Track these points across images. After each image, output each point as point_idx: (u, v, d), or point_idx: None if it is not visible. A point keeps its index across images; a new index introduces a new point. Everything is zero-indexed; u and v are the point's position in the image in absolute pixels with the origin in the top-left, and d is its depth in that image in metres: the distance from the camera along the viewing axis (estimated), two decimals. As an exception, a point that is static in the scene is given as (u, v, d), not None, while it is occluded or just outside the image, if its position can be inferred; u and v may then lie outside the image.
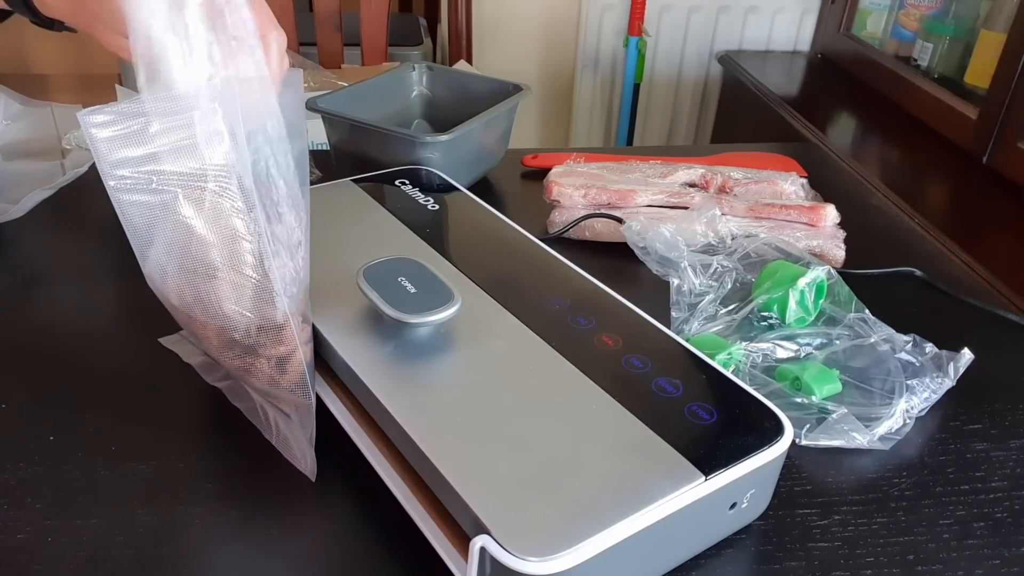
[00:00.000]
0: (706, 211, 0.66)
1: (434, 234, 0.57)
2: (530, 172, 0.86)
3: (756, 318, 0.58)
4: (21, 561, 0.41)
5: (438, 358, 0.45)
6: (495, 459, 0.39)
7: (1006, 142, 1.16)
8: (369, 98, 0.81)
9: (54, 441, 0.48)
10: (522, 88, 0.80)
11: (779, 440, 0.41)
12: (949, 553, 0.44)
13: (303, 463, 0.46)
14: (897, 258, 0.71)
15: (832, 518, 0.46)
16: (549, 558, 0.34)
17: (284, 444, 0.47)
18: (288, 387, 0.45)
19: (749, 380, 0.52)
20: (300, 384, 0.45)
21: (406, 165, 0.69)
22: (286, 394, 0.46)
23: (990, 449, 0.51)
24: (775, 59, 1.78)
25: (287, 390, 0.45)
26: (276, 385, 0.45)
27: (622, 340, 0.47)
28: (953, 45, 1.38)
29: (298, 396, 0.45)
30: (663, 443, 0.40)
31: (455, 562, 0.38)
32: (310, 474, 0.46)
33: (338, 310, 0.48)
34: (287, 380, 0.45)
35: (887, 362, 0.54)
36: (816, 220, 0.70)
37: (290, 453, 0.47)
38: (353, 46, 1.38)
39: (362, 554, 0.42)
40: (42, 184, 0.74)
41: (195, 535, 0.43)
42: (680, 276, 0.60)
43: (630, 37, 1.75)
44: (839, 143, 1.36)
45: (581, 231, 0.72)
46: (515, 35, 1.84)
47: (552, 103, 1.94)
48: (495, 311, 0.49)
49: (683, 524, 0.39)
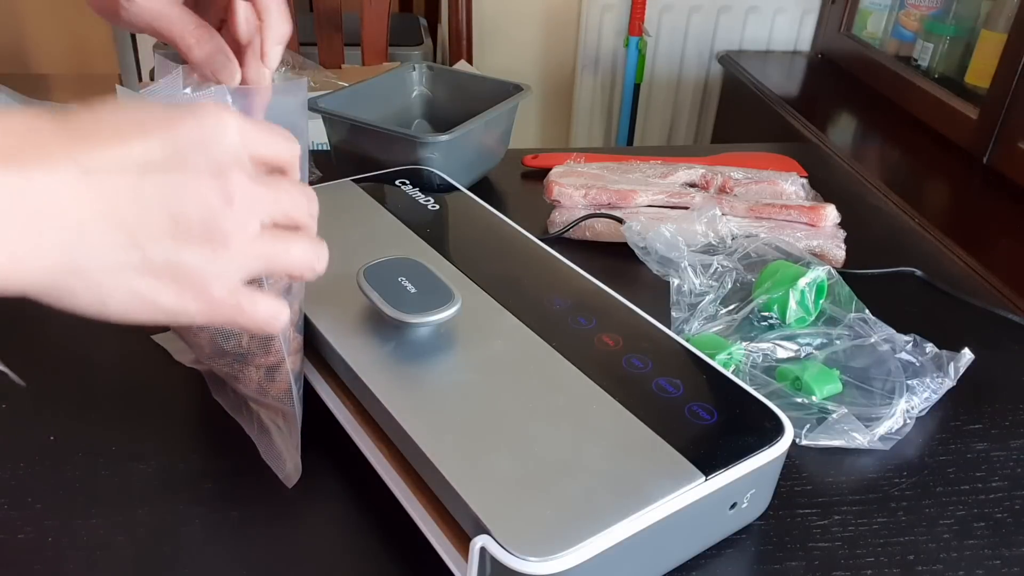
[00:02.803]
0: (706, 211, 0.66)
1: (434, 234, 0.57)
2: (530, 172, 0.86)
3: (756, 318, 0.58)
4: (21, 561, 0.41)
5: (438, 358, 0.45)
6: (495, 459, 0.39)
7: (1006, 142, 1.16)
8: (369, 98, 0.81)
9: (54, 441, 0.48)
10: (522, 88, 0.80)
11: (779, 440, 0.41)
12: (949, 553, 0.44)
13: (282, 469, 0.46)
14: (897, 258, 0.71)
15: (832, 518, 0.46)
16: (549, 558, 0.34)
17: (266, 448, 0.47)
18: (276, 396, 0.45)
19: (749, 380, 0.52)
20: (287, 394, 0.44)
21: (406, 165, 0.69)
22: (273, 403, 0.45)
23: (990, 449, 0.51)
24: (775, 59, 1.78)
25: (275, 399, 0.45)
26: (264, 393, 0.45)
27: (622, 340, 0.47)
28: (953, 45, 1.38)
29: (286, 405, 0.45)
30: (663, 443, 0.40)
31: (455, 562, 0.38)
32: (288, 480, 0.45)
33: (338, 310, 0.48)
34: (276, 389, 0.45)
35: (887, 362, 0.54)
36: (816, 220, 0.70)
37: (270, 457, 0.47)
38: (353, 46, 1.38)
39: (362, 554, 0.42)
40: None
41: (195, 535, 0.43)
42: (680, 276, 0.60)
43: (630, 37, 1.75)
44: (839, 143, 1.36)
45: (581, 231, 0.72)
46: (515, 35, 1.84)
47: (552, 103, 1.94)
48: (495, 311, 0.49)
49: (683, 524, 0.39)
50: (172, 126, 0.31)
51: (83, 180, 0.29)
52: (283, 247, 0.34)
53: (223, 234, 0.32)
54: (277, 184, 0.34)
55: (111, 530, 0.43)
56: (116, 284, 0.31)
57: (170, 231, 0.31)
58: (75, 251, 0.29)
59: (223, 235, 0.32)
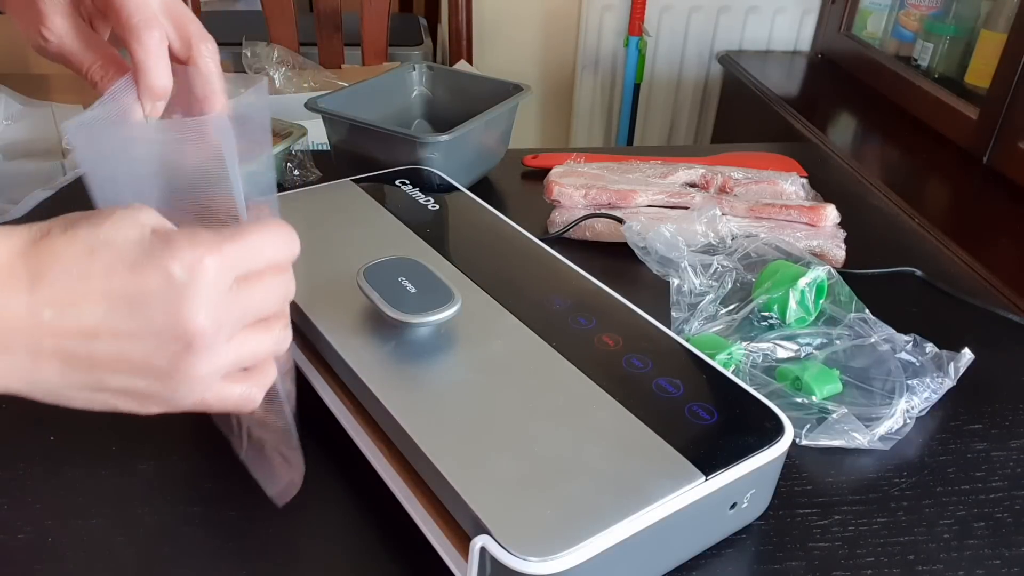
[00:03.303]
0: (706, 211, 0.66)
1: (434, 234, 0.57)
2: (530, 172, 0.86)
3: (756, 318, 0.58)
4: (22, 561, 0.41)
5: (438, 358, 0.45)
6: (495, 459, 0.39)
7: (1006, 142, 1.16)
8: (369, 98, 0.81)
9: (54, 441, 0.48)
10: (522, 88, 0.80)
11: (779, 440, 0.41)
12: (949, 553, 0.44)
13: (273, 486, 0.45)
14: (897, 258, 0.71)
15: (832, 518, 0.46)
16: (549, 558, 0.34)
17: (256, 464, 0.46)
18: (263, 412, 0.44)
19: (749, 380, 0.52)
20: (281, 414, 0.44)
21: (406, 165, 0.69)
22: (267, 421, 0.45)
23: (990, 449, 0.51)
24: (775, 59, 1.78)
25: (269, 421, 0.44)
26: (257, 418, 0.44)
27: (622, 340, 0.47)
28: (953, 45, 1.38)
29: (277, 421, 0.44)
30: (663, 443, 0.40)
31: (455, 562, 0.38)
32: (278, 498, 0.44)
33: (338, 310, 0.48)
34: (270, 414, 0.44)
35: (887, 362, 0.54)
36: (816, 220, 0.70)
37: (260, 474, 0.45)
38: (353, 46, 1.38)
39: (362, 554, 0.42)
40: (42, 184, 0.74)
41: (195, 535, 0.43)
42: (680, 276, 0.60)
43: (630, 37, 1.75)
44: (839, 143, 1.36)
45: (581, 231, 0.72)
46: (515, 35, 1.84)
47: (552, 103, 1.94)
48: (495, 311, 0.49)
49: (683, 524, 0.39)
50: (137, 294, 0.31)
51: (40, 326, 0.30)
52: (249, 351, 0.35)
53: (182, 373, 0.32)
54: (250, 294, 0.34)
55: (111, 530, 0.43)
56: (75, 396, 0.32)
57: (127, 371, 0.32)
58: (31, 376, 0.31)
59: (182, 374, 0.32)
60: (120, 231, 0.31)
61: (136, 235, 0.31)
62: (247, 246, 0.33)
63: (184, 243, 0.31)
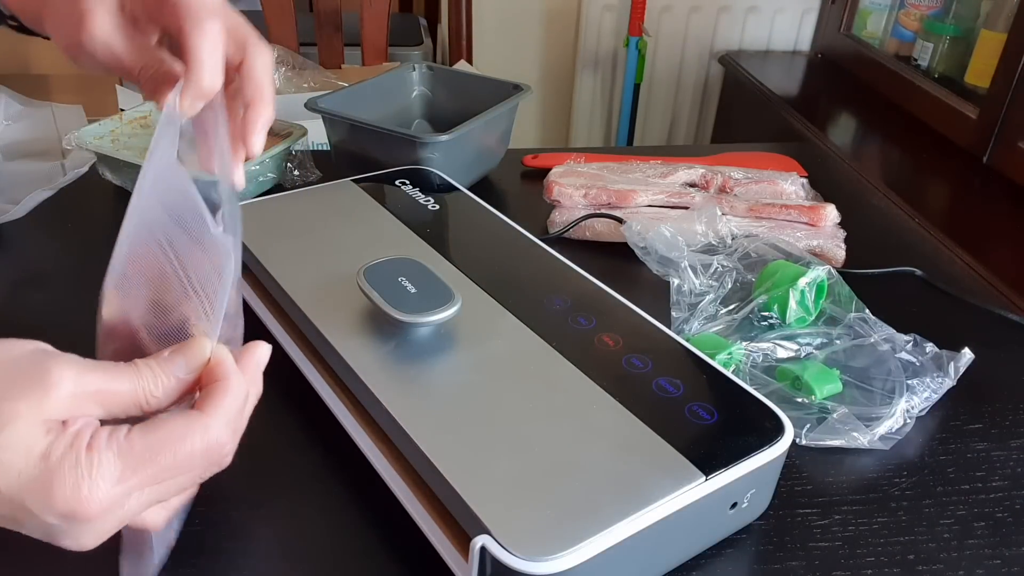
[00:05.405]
0: (706, 211, 0.67)
1: (434, 234, 0.57)
2: (530, 172, 0.86)
3: (756, 318, 0.58)
4: (21, 561, 0.41)
5: (438, 358, 0.45)
6: (495, 459, 0.39)
7: (1006, 142, 1.16)
8: (369, 98, 0.81)
9: (54, 441, 0.48)
10: (522, 88, 0.80)
11: (779, 440, 0.41)
12: (950, 553, 0.44)
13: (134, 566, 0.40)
14: (897, 258, 0.71)
15: (832, 518, 0.46)
16: (549, 558, 0.34)
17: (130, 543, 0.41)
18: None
19: (749, 380, 0.52)
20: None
21: (406, 165, 0.69)
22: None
23: (990, 449, 0.51)
24: (775, 59, 1.78)
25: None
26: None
27: (622, 340, 0.47)
28: (953, 45, 1.38)
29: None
30: (663, 443, 0.40)
31: (455, 562, 0.38)
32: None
33: (338, 310, 0.48)
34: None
35: (887, 362, 0.54)
36: (816, 220, 0.70)
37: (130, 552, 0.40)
38: (353, 46, 1.38)
39: (362, 554, 0.42)
40: (42, 184, 0.74)
41: (195, 535, 0.43)
42: (680, 276, 0.60)
43: (630, 37, 1.75)
44: (839, 143, 1.36)
45: (581, 231, 0.72)
46: (515, 35, 1.84)
47: (552, 103, 1.94)
48: (495, 311, 0.49)
49: (683, 524, 0.39)
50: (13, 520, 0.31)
51: None
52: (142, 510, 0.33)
53: (72, 539, 0.32)
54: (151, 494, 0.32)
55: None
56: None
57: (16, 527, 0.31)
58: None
59: (72, 539, 0.32)
60: (6, 452, 0.29)
61: (21, 464, 0.29)
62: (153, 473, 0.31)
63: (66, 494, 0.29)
